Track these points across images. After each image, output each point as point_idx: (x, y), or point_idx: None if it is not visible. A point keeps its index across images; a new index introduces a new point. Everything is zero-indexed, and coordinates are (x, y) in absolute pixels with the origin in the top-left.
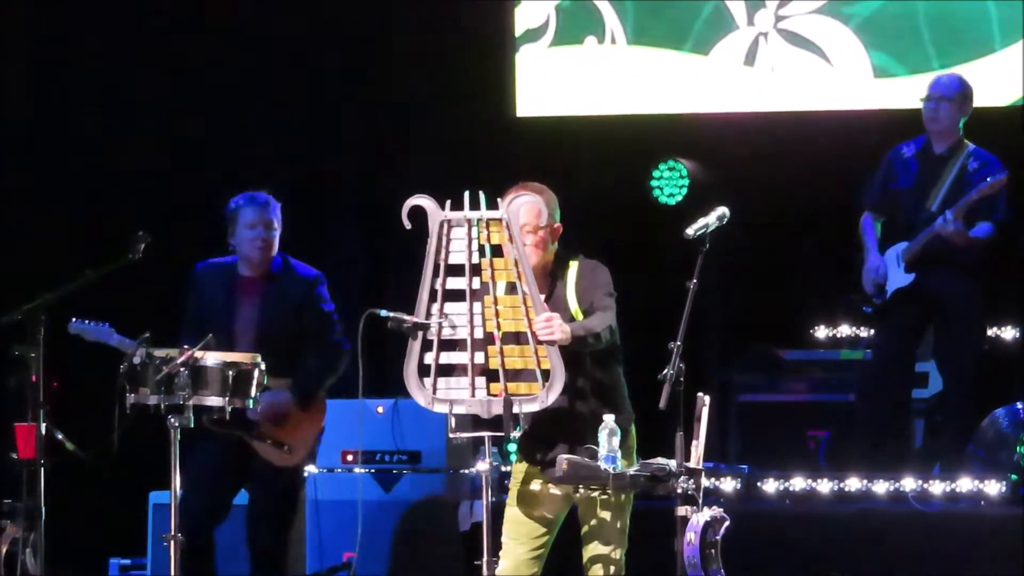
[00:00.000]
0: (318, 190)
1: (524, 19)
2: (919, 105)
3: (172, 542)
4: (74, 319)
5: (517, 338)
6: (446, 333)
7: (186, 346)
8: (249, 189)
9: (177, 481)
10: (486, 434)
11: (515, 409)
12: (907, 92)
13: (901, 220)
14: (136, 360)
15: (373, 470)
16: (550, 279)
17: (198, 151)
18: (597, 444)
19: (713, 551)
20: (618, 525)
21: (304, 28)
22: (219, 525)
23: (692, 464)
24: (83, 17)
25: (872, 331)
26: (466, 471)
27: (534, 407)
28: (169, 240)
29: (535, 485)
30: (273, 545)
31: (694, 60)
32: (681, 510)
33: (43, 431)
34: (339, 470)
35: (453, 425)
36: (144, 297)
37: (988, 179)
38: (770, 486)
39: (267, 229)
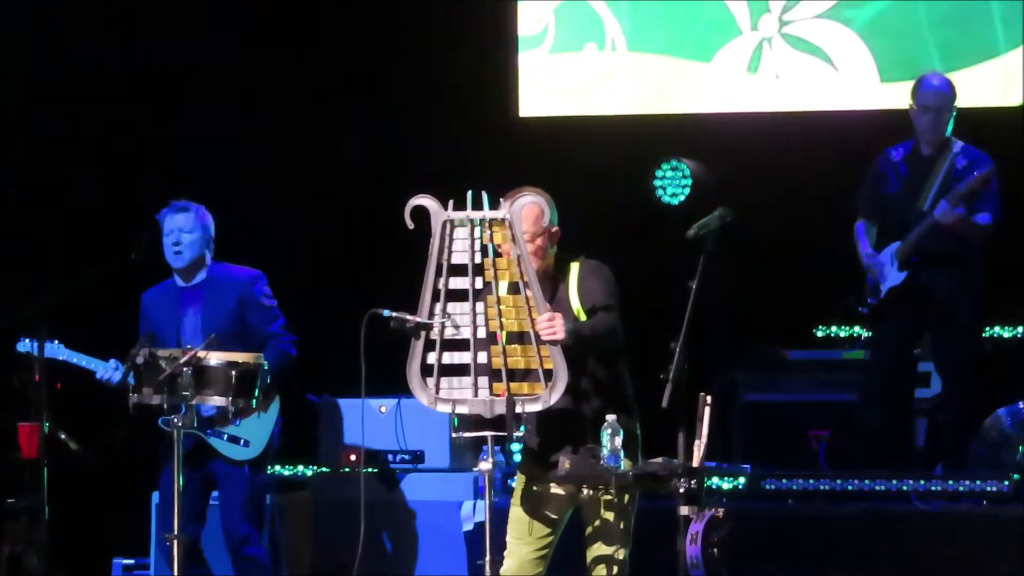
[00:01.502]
0: (321, 190)
1: (525, 23)
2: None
3: (175, 542)
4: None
5: (520, 338)
6: (449, 333)
7: (190, 346)
8: (247, 192)
9: (180, 480)
10: (489, 434)
11: (518, 409)
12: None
13: (894, 223)
14: (139, 360)
15: (376, 470)
16: (552, 282)
17: (195, 151)
18: (600, 444)
19: (716, 551)
20: (621, 525)
21: (306, 26)
22: (201, 527)
23: (695, 464)
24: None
25: (870, 331)
26: (469, 471)
27: (537, 407)
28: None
29: (538, 485)
30: (246, 538)
31: (696, 66)
32: (684, 510)
33: (46, 431)
34: (342, 470)
35: (456, 425)
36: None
37: (975, 173)
38: (772, 486)
39: (181, 233)
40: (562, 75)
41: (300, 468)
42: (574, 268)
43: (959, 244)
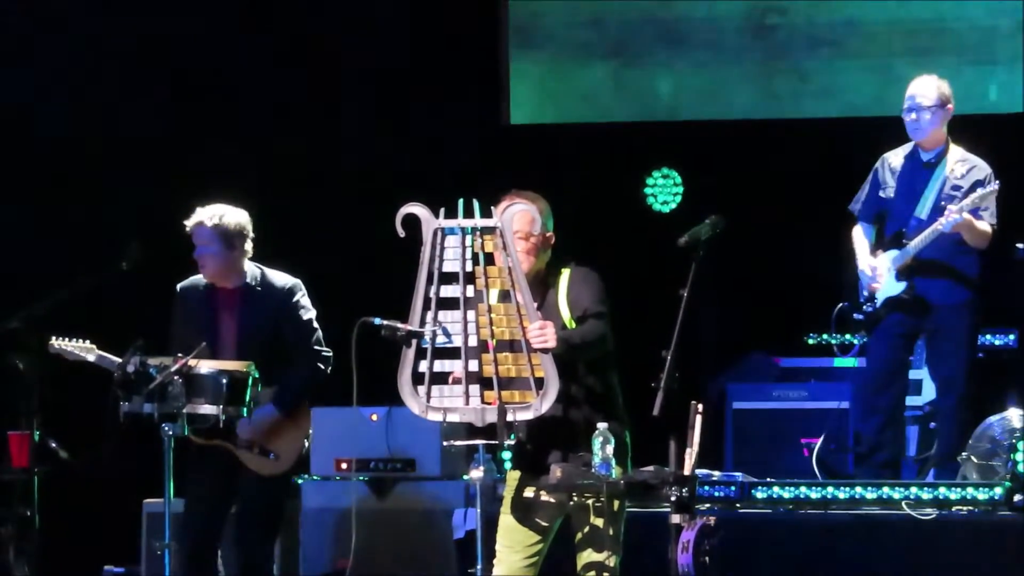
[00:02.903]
0: (312, 198)
1: (516, 32)
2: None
3: (166, 550)
4: (54, 338)
5: (511, 346)
6: (440, 341)
7: (180, 354)
8: (240, 195)
9: (171, 489)
10: (480, 442)
11: (509, 417)
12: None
13: (891, 229)
14: (130, 368)
15: (367, 478)
16: (542, 287)
17: (187, 156)
18: (591, 452)
19: (707, 559)
20: (611, 533)
21: (295, 33)
22: (219, 541)
23: (686, 472)
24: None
25: (865, 339)
26: (460, 479)
27: (528, 415)
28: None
29: (529, 493)
30: (260, 553)
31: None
32: (675, 518)
33: (36, 440)
34: (333, 478)
35: (449, 434)
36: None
37: (976, 185)
38: (764, 494)
39: (201, 248)
40: (556, 79)
41: (292, 476)
42: (565, 274)
43: (956, 253)
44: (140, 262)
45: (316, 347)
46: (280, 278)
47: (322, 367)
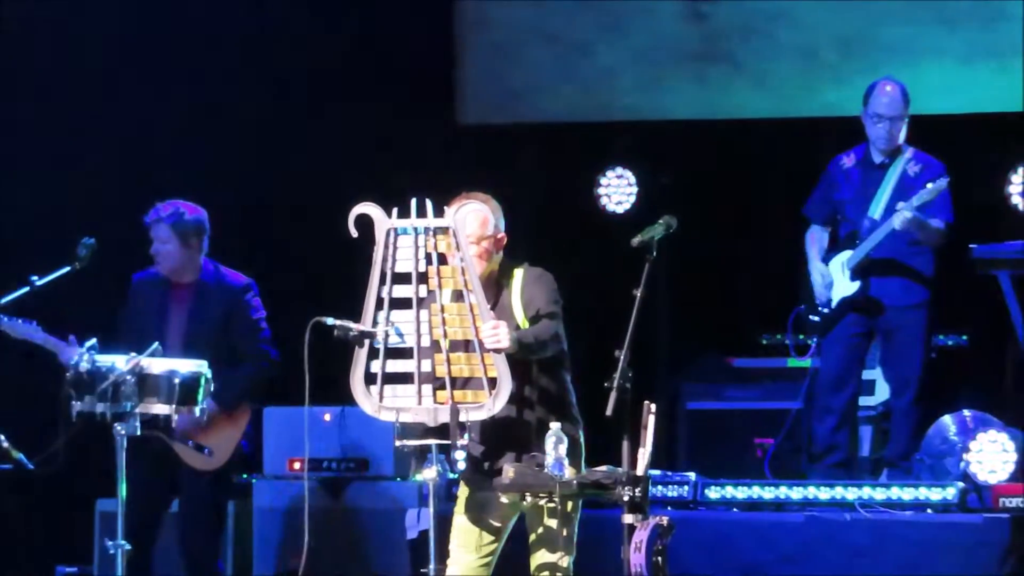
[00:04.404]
0: (262, 198)
1: (468, 26)
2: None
3: (119, 550)
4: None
5: (464, 346)
6: (392, 341)
7: (133, 354)
8: (195, 197)
9: (124, 489)
10: (433, 442)
11: (462, 417)
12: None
13: (845, 229)
14: (82, 367)
15: (320, 477)
16: (495, 287)
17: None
18: (544, 452)
19: (660, 559)
20: (565, 533)
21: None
22: (156, 537)
23: (639, 472)
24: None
25: (819, 339)
26: (413, 479)
27: (481, 415)
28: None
29: (483, 493)
30: (204, 549)
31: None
32: (628, 518)
33: None
34: (286, 478)
35: (399, 433)
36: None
37: (928, 184)
38: (717, 493)
39: (158, 244)
40: (508, 76)
41: (244, 475)
42: (518, 275)
43: (910, 254)
44: (91, 259)
45: (264, 347)
46: (234, 277)
47: (267, 367)
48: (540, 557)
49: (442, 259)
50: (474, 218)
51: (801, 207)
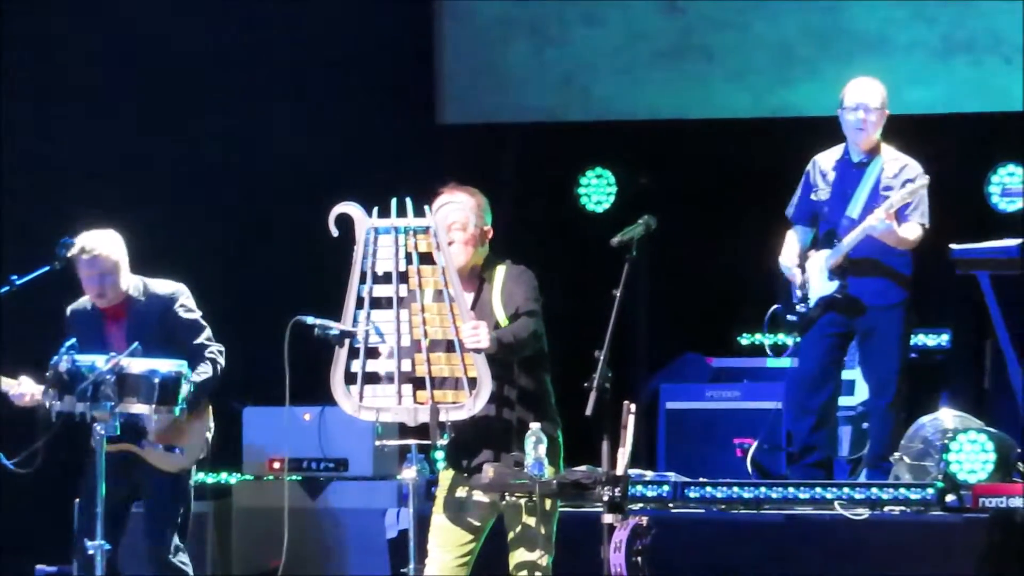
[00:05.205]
0: (242, 196)
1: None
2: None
3: (97, 550)
4: None
5: (444, 346)
6: (373, 341)
7: (113, 353)
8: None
9: (103, 488)
10: (412, 442)
11: (441, 417)
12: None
13: (824, 229)
14: (62, 367)
15: (300, 477)
16: (478, 281)
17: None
18: (523, 451)
19: (639, 559)
20: (544, 532)
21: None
22: (121, 537)
23: (618, 471)
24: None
25: (798, 339)
26: (392, 478)
27: (461, 415)
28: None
29: (461, 493)
30: (170, 548)
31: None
32: (607, 517)
33: None
34: (266, 477)
35: (380, 433)
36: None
37: (906, 183)
38: (696, 493)
39: (100, 279)
40: (488, 75)
41: (224, 475)
42: (500, 272)
43: (889, 253)
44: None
45: (207, 343)
46: (161, 286)
47: (219, 362)
48: (519, 556)
49: (424, 259)
50: (458, 207)
51: (781, 207)
